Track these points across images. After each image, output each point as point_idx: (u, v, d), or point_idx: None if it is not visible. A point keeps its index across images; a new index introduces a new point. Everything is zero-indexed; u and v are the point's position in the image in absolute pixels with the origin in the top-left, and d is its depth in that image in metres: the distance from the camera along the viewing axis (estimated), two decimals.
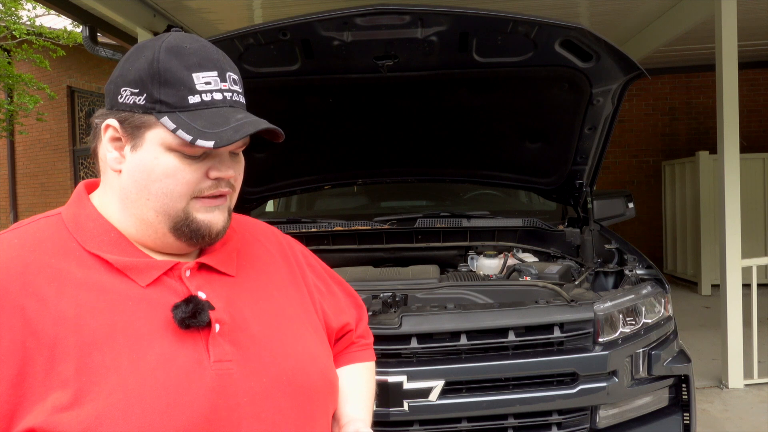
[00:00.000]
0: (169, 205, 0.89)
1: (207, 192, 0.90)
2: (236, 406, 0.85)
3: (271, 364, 0.91)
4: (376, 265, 2.60)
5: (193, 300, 0.87)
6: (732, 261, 4.14)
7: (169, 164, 0.87)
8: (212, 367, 0.85)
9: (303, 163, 2.80)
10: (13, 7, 9.23)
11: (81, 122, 10.77)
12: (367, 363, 1.21)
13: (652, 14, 5.45)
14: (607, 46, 1.98)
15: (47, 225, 0.91)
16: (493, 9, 2.00)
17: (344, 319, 1.16)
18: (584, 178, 2.58)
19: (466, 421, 1.85)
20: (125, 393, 0.78)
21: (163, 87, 0.86)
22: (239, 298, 0.95)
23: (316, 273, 1.15)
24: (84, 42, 5.34)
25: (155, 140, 0.87)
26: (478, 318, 1.89)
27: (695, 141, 8.32)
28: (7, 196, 11.91)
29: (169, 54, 0.87)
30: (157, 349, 0.83)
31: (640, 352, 1.99)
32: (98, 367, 0.79)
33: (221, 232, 0.94)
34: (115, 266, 0.87)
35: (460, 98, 2.41)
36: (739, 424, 3.50)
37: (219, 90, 0.89)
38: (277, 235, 1.14)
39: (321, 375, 0.98)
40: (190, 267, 0.92)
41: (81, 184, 0.98)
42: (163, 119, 0.86)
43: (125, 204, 0.91)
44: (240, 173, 0.96)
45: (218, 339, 0.88)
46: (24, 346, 0.78)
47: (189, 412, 0.81)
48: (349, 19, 1.93)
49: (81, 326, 0.81)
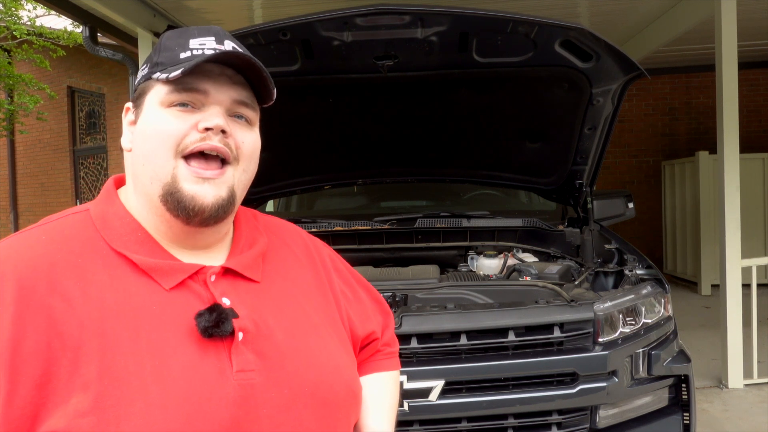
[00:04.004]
0: (159, 165, 0.87)
1: (193, 145, 0.86)
2: (257, 419, 0.83)
3: (295, 374, 0.89)
4: (376, 265, 2.60)
5: (217, 309, 0.85)
6: (732, 261, 4.14)
7: (160, 119, 0.88)
8: (235, 378, 0.83)
9: (303, 163, 2.80)
10: (14, 7, 9.23)
11: (81, 122, 10.77)
12: (391, 372, 1.17)
13: (652, 14, 5.45)
14: (607, 46, 1.98)
15: (75, 222, 0.90)
16: (493, 9, 2.00)
17: (370, 327, 1.13)
18: (584, 178, 2.58)
19: (466, 421, 1.85)
20: (147, 402, 0.77)
21: (162, 52, 0.90)
22: (264, 305, 0.92)
23: (342, 278, 1.12)
24: (84, 42, 5.34)
25: (152, 101, 0.89)
26: (478, 318, 1.89)
27: (695, 141, 8.32)
28: (7, 196, 11.91)
29: (173, 32, 0.93)
30: (180, 357, 0.82)
31: (640, 352, 1.99)
32: (121, 372, 0.78)
33: (213, 212, 0.88)
34: (140, 267, 0.86)
35: (460, 98, 2.41)
36: (739, 424, 3.49)
37: (213, 49, 0.89)
38: (304, 238, 1.11)
39: (345, 387, 0.96)
40: (215, 272, 0.90)
41: (110, 180, 0.97)
42: (155, 75, 0.89)
43: (136, 184, 0.91)
44: (247, 141, 0.92)
45: (241, 348, 0.86)
46: (49, 347, 0.77)
47: (210, 423, 0.79)
48: (349, 19, 1.93)
49: (105, 329, 0.80)
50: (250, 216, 1.05)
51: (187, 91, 0.88)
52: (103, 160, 10.27)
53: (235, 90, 0.92)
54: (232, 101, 0.91)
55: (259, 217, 1.08)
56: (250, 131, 0.94)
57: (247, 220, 1.03)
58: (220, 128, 0.88)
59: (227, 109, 0.91)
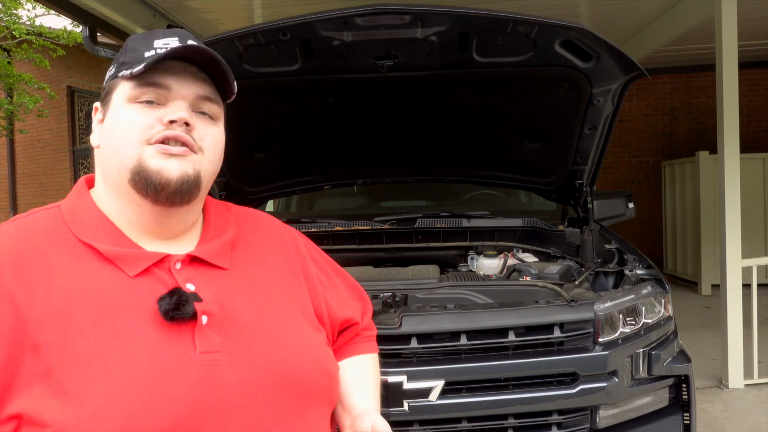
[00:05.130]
0: (125, 154, 0.90)
1: (157, 135, 0.90)
2: (225, 396, 0.85)
3: (262, 354, 0.91)
4: (376, 265, 2.60)
5: (178, 292, 0.87)
6: (732, 261, 4.14)
7: (126, 114, 0.91)
8: (198, 359, 0.85)
9: (303, 163, 2.80)
10: (13, 6, 9.22)
11: (81, 122, 10.77)
12: (371, 354, 1.21)
13: (652, 14, 5.45)
14: (607, 46, 1.98)
15: (45, 216, 0.93)
16: (493, 9, 2.00)
17: (348, 313, 1.16)
18: (584, 178, 2.57)
19: (466, 421, 1.85)
20: (109, 383, 0.79)
21: (128, 52, 0.94)
22: (231, 290, 0.94)
23: (318, 266, 1.14)
24: (84, 42, 5.33)
25: (118, 98, 0.93)
26: (478, 318, 1.89)
27: (695, 141, 8.32)
28: (6, 196, 11.91)
29: (139, 34, 0.97)
30: (143, 340, 0.83)
31: (640, 352, 1.99)
32: (83, 355, 0.80)
33: (178, 185, 0.90)
34: (105, 256, 0.88)
35: (460, 98, 2.41)
36: (739, 424, 3.49)
37: (172, 48, 0.93)
38: (279, 227, 1.14)
39: (317, 366, 0.97)
40: (180, 259, 0.93)
41: (82, 179, 1.01)
42: (120, 73, 0.92)
43: (105, 178, 0.94)
44: (209, 136, 0.96)
45: (205, 330, 0.87)
46: (13, 333, 0.80)
47: (174, 403, 0.81)
48: (349, 19, 1.92)
49: (69, 315, 0.82)
50: (221, 207, 1.08)
51: (150, 86, 0.91)
52: None
53: (199, 86, 0.95)
54: (195, 96, 0.94)
55: (231, 208, 1.11)
56: (214, 125, 0.98)
57: (218, 211, 1.06)
58: (184, 120, 0.91)
59: (191, 105, 0.94)
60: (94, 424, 0.76)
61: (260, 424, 0.87)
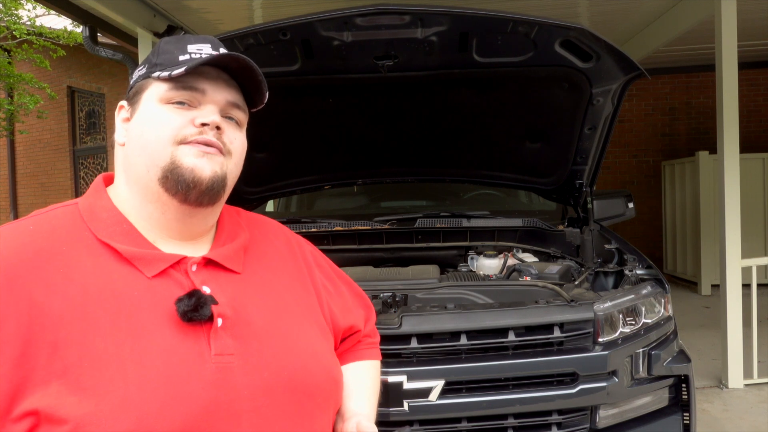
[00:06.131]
0: (157, 152, 0.91)
1: (191, 137, 0.92)
2: (236, 400, 0.86)
3: (273, 359, 0.92)
4: (376, 265, 2.60)
5: (196, 294, 0.88)
6: (732, 261, 4.14)
7: (158, 113, 0.93)
8: (213, 360, 0.86)
9: (303, 163, 2.80)
10: (13, 7, 9.22)
11: (81, 122, 10.76)
12: (372, 361, 1.22)
13: (652, 14, 5.45)
14: (607, 46, 1.98)
15: (63, 214, 0.94)
16: (493, 9, 2.00)
17: (351, 320, 1.17)
18: (584, 178, 2.57)
19: (466, 421, 1.85)
20: (125, 382, 0.80)
21: (161, 54, 0.96)
22: (244, 295, 0.96)
23: (324, 273, 1.16)
24: (84, 42, 5.33)
25: (150, 98, 0.94)
26: (478, 318, 1.89)
27: (695, 141, 8.32)
28: (7, 196, 11.91)
29: (171, 38, 0.99)
30: (159, 340, 0.84)
31: (640, 352, 1.99)
32: (101, 353, 0.81)
33: (209, 184, 0.93)
34: (123, 256, 0.89)
35: (460, 98, 2.41)
36: (739, 424, 3.49)
37: (210, 54, 0.95)
38: (287, 234, 1.16)
39: (324, 372, 0.99)
40: (196, 262, 0.94)
41: (99, 177, 1.02)
42: (154, 74, 0.94)
43: (128, 175, 0.95)
44: (237, 141, 0.99)
45: (220, 333, 0.89)
46: (29, 329, 0.80)
47: (188, 403, 0.82)
48: (349, 19, 1.93)
49: (86, 313, 0.83)
50: (233, 213, 1.10)
51: (186, 89, 0.93)
52: (103, 160, 10.27)
53: (230, 92, 0.98)
54: (226, 102, 0.97)
55: (242, 213, 1.13)
56: (239, 132, 1.01)
57: (230, 216, 1.08)
58: (216, 124, 0.93)
59: (221, 110, 0.96)
60: (111, 421, 0.77)
61: (269, 428, 0.88)
